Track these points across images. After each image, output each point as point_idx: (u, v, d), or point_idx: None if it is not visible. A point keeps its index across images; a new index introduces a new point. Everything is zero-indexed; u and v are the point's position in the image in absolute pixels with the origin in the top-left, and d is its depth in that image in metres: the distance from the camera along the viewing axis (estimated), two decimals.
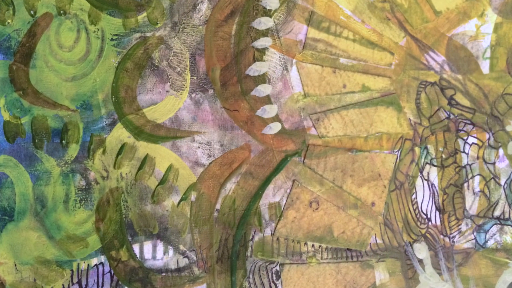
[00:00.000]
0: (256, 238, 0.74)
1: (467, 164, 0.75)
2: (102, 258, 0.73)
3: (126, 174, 0.73)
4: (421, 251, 0.74)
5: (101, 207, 0.73)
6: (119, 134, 0.73)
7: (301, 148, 0.74)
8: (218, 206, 0.73)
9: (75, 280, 0.72)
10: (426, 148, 0.74)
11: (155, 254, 0.73)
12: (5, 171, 0.72)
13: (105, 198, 0.73)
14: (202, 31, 0.73)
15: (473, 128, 0.75)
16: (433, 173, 0.75)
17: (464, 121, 0.74)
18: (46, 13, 0.72)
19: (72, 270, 0.72)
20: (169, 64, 0.73)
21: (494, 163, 0.75)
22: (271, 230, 0.74)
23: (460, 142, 0.75)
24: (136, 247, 0.73)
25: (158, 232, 0.73)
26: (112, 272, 0.73)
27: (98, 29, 0.72)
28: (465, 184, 0.75)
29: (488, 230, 0.75)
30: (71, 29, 0.72)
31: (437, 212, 0.75)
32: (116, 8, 0.72)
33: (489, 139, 0.75)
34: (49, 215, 0.72)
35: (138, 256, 0.73)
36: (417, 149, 0.74)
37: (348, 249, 0.74)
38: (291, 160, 0.74)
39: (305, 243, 0.74)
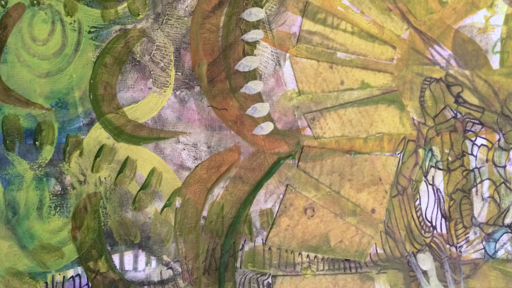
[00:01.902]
0: (246, 248, 0.73)
1: (476, 167, 0.75)
2: (79, 270, 0.73)
3: (105, 178, 0.72)
4: (425, 261, 0.74)
5: (78, 214, 0.72)
6: (98, 135, 0.72)
7: (295, 150, 0.73)
8: (205, 213, 0.73)
9: None
10: (431, 150, 0.74)
11: (136, 265, 0.73)
12: None
13: (82, 204, 0.72)
14: (188, 23, 0.72)
15: (482, 128, 0.74)
16: (439, 177, 0.74)
17: (472, 120, 0.74)
18: (18, 3, 0.71)
19: (46, 283, 0.72)
20: (151, 58, 0.72)
21: (504, 167, 0.75)
22: (262, 239, 0.74)
23: (468, 143, 0.74)
24: (116, 258, 0.73)
25: (140, 241, 0.73)
26: (90, 285, 0.72)
27: (75, 21, 0.72)
28: (473, 189, 0.75)
29: (498, 239, 0.75)
30: (45, 20, 0.72)
31: (443, 220, 0.74)
32: None
33: (499, 140, 0.75)
34: (21, 223, 0.72)
35: (118, 267, 0.73)
36: (421, 151, 0.74)
37: (346, 259, 0.74)
38: (284, 163, 0.73)
39: (299, 253, 0.74)
